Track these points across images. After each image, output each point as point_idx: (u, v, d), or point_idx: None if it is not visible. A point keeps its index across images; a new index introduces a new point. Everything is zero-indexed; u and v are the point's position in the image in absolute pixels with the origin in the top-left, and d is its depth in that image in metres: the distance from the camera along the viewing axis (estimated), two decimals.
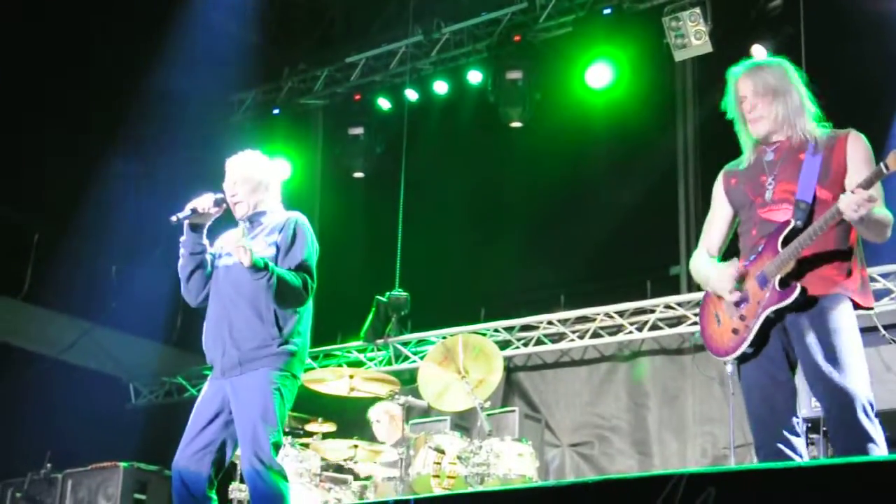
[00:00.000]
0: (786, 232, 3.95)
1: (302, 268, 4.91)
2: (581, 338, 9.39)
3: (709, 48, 8.72)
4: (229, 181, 5.10)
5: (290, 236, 4.96)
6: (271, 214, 5.10)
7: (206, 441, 4.80)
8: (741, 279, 4.04)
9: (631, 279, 9.36)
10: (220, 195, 5.04)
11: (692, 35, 8.74)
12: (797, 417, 4.03)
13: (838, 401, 3.78)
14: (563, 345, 9.49)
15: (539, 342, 9.60)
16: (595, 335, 9.32)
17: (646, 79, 9.38)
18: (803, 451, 4.03)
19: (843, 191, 3.91)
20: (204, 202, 4.97)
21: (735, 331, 4.04)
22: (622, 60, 9.33)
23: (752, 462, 4.15)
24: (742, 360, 4.04)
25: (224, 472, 4.92)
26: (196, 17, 10.23)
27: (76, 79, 9.50)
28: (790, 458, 3.95)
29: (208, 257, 5.05)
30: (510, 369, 9.67)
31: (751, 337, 3.97)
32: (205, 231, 5.04)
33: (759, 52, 8.27)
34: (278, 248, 4.93)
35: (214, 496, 4.81)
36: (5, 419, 9.15)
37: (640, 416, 9.06)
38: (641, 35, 9.31)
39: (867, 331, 6.92)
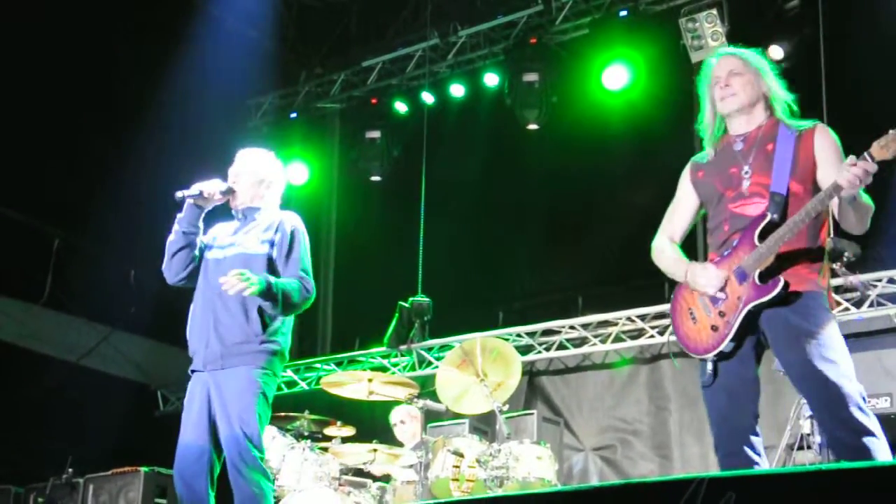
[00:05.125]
0: (762, 225, 3.92)
1: (302, 270, 4.97)
2: (603, 342, 9.38)
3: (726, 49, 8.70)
4: (234, 169, 5.18)
5: (289, 240, 5.02)
6: (266, 212, 5.16)
7: (200, 441, 4.85)
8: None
9: (648, 281, 9.34)
10: (227, 185, 5.11)
11: (709, 36, 8.73)
12: (758, 416, 4.01)
13: (830, 397, 3.73)
14: (584, 349, 9.49)
15: (561, 346, 9.60)
16: (617, 339, 9.32)
17: (662, 80, 9.36)
18: (762, 451, 4.00)
19: (815, 184, 3.93)
20: (212, 186, 5.04)
21: (714, 327, 3.98)
22: (639, 62, 9.32)
23: (765, 463, 4.09)
24: (718, 358, 3.98)
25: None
26: (213, 23, 10.28)
27: (95, 85, 9.54)
28: (751, 459, 3.94)
29: (199, 241, 5.09)
30: (532, 374, 9.68)
31: (732, 333, 3.92)
32: (202, 214, 5.09)
33: (776, 52, 8.25)
34: (272, 246, 4.99)
35: (213, 494, 4.86)
36: (28, 424, 9.20)
37: (661, 420, 9.05)
38: (658, 36, 9.30)
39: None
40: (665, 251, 4.30)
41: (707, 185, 4.18)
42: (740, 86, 4.10)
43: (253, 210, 5.14)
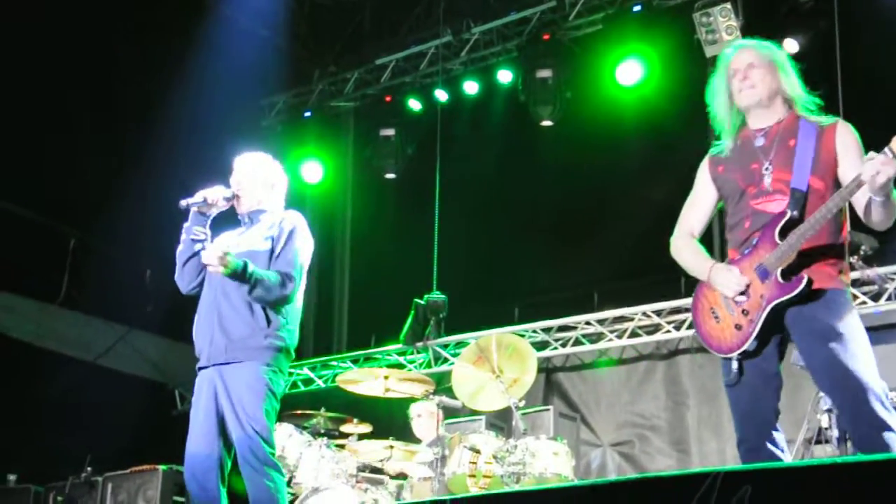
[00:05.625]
0: (782, 223, 3.89)
1: (289, 264, 4.98)
2: (619, 337, 9.37)
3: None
4: (236, 177, 5.21)
5: (285, 233, 5.05)
6: (270, 214, 5.20)
7: (209, 438, 4.87)
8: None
9: (664, 276, 9.31)
10: (231, 191, 5.13)
11: (723, 30, 8.70)
12: (779, 412, 4.01)
13: (851, 393, 3.73)
14: (600, 345, 9.48)
15: (577, 342, 9.59)
16: (633, 335, 9.31)
17: (677, 75, 9.33)
18: (784, 446, 4.00)
19: (835, 180, 3.90)
20: (215, 193, 5.06)
21: (738, 326, 3.96)
22: (652, 57, 9.30)
23: (788, 459, 4.08)
24: (743, 356, 3.96)
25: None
26: (226, 22, 10.30)
27: (108, 85, 9.58)
28: (773, 454, 3.94)
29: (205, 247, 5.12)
30: (549, 370, 9.68)
31: (756, 331, 3.90)
32: (209, 221, 5.11)
33: (791, 46, 8.22)
34: (273, 241, 5.02)
35: (224, 490, 4.89)
36: (46, 424, 9.24)
37: (678, 415, 9.04)
38: (672, 31, 9.28)
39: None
40: (686, 247, 4.27)
41: (728, 180, 4.14)
42: (759, 78, 4.06)
43: (258, 213, 5.19)
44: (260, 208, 5.20)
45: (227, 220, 5.24)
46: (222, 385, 4.88)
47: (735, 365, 3.97)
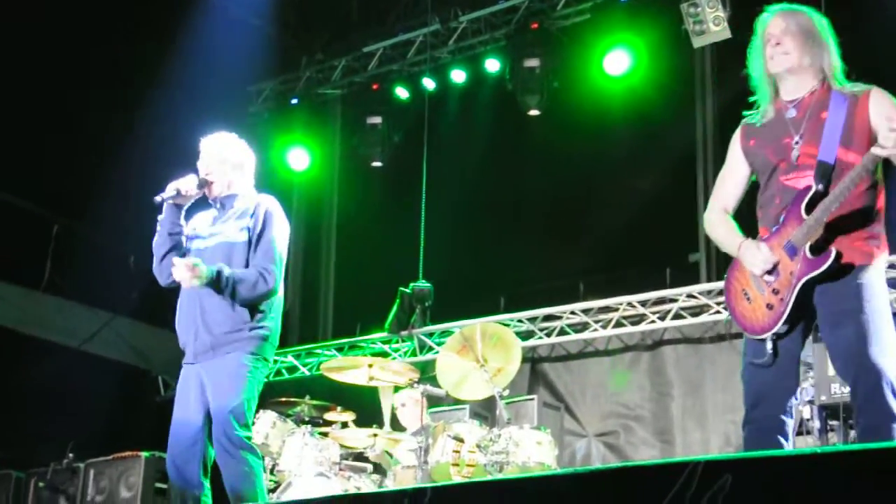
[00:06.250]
0: (808, 197, 3.80)
1: (268, 258, 4.93)
2: (604, 328, 9.38)
3: (727, 34, 8.67)
4: (204, 161, 5.14)
5: (261, 222, 4.99)
6: (242, 198, 5.13)
7: (193, 430, 4.86)
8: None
9: (650, 266, 9.34)
10: (202, 177, 5.07)
11: (710, 21, 8.70)
12: (795, 399, 3.95)
13: (865, 378, 3.66)
14: (585, 335, 9.49)
15: (562, 332, 9.60)
16: (618, 325, 9.32)
17: (664, 65, 9.34)
18: (789, 434, 3.94)
19: None
20: (187, 184, 5.01)
21: (770, 306, 3.86)
22: (640, 47, 9.30)
23: (788, 447, 4.03)
24: (777, 337, 3.85)
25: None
26: (213, 9, 10.25)
27: (92, 72, 9.53)
28: (779, 442, 3.87)
29: (183, 239, 5.09)
30: (534, 360, 9.69)
31: (787, 310, 3.80)
32: (183, 212, 5.08)
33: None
34: (250, 232, 4.97)
35: (207, 482, 4.88)
36: (28, 410, 9.21)
37: (663, 406, 9.06)
38: (659, 22, 9.28)
39: None
40: (719, 223, 4.16)
41: (759, 155, 4.04)
42: (793, 45, 3.94)
43: (230, 198, 5.12)
44: (231, 192, 5.12)
45: (197, 203, 5.18)
46: (208, 377, 4.88)
47: (770, 346, 3.85)
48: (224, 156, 5.14)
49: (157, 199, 4.99)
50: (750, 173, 4.14)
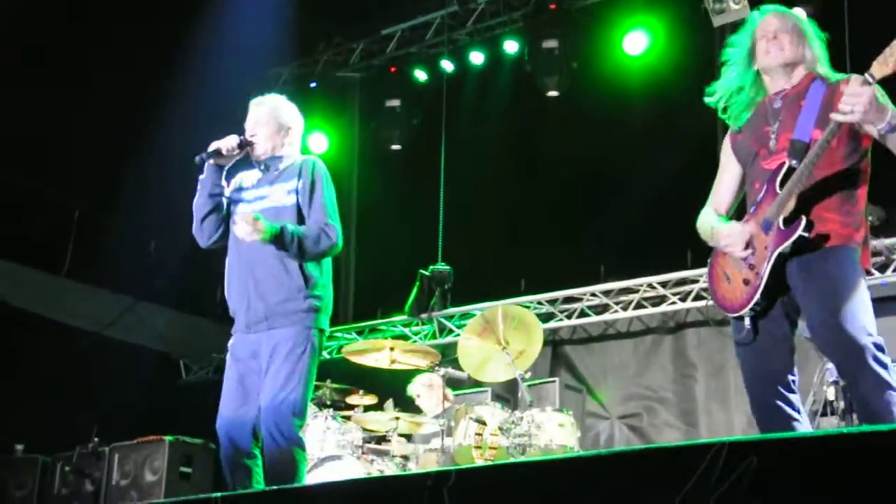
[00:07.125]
0: (782, 173, 3.87)
1: (325, 213, 4.86)
2: (625, 309, 9.37)
3: (747, 13, 8.56)
4: (251, 121, 5.06)
5: (310, 182, 4.91)
6: (287, 160, 5.04)
7: (244, 399, 4.76)
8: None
9: (671, 248, 9.29)
10: (243, 137, 4.99)
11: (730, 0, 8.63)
12: (793, 375, 3.97)
13: (846, 351, 3.69)
14: (606, 316, 9.48)
15: (582, 314, 9.59)
16: (639, 306, 9.30)
17: (683, 45, 9.28)
18: (800, 408, 3.98)
19: (850, 133, 3.85)
20: (228, 143, 4.94)
21: (746, 281, 3.94)
22: (659, 27, 9.27)
23: (805, 419, 4.05)
24: (755, 314, 3.91)
25: None
26: None
27: (112, 56, 9.53)
28: (788, 414, 3.91)
29: (224, 200, 5.01)
30: (556, 343, 9.68)
31: (762, 283, 3.85)
32: (224, 172, 5.00)
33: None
34: (298, 194, 4.90)
35: (258, 452, 4.76)
36: (53, 394, 9.27)
37: (686, 387, 9.06)
38: (679, 1, 9.20)
39: None
40: (703, 216, 4.27)
41: (744, 146, 4.14)
42: (788, 41, 4.07)
43: (275, 159, 5.03)
44: (276, 154, 5.03)
45: (241, 163, 5.10)
46: (262, 350, 4.75)
47: (748, 322, 3.93)
48: (271, 117, 5.04)
49: (197, 158, 4.91)
50: (742, 173, 4.22)
